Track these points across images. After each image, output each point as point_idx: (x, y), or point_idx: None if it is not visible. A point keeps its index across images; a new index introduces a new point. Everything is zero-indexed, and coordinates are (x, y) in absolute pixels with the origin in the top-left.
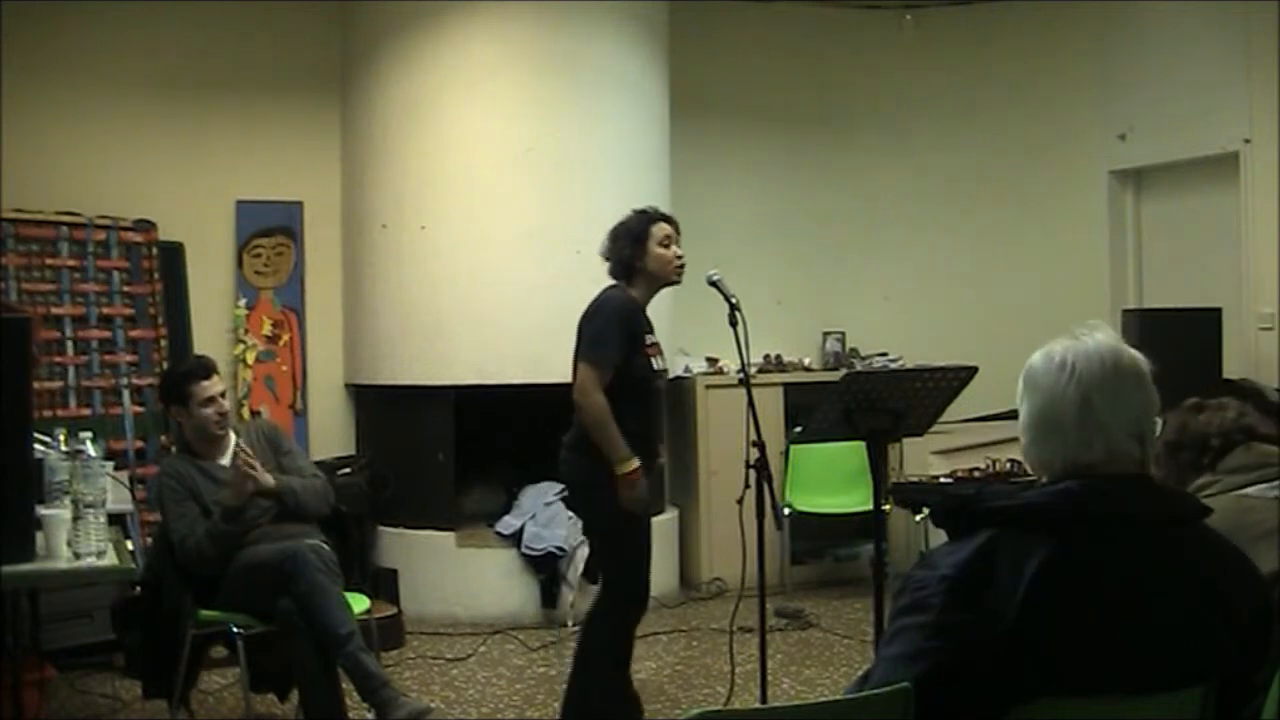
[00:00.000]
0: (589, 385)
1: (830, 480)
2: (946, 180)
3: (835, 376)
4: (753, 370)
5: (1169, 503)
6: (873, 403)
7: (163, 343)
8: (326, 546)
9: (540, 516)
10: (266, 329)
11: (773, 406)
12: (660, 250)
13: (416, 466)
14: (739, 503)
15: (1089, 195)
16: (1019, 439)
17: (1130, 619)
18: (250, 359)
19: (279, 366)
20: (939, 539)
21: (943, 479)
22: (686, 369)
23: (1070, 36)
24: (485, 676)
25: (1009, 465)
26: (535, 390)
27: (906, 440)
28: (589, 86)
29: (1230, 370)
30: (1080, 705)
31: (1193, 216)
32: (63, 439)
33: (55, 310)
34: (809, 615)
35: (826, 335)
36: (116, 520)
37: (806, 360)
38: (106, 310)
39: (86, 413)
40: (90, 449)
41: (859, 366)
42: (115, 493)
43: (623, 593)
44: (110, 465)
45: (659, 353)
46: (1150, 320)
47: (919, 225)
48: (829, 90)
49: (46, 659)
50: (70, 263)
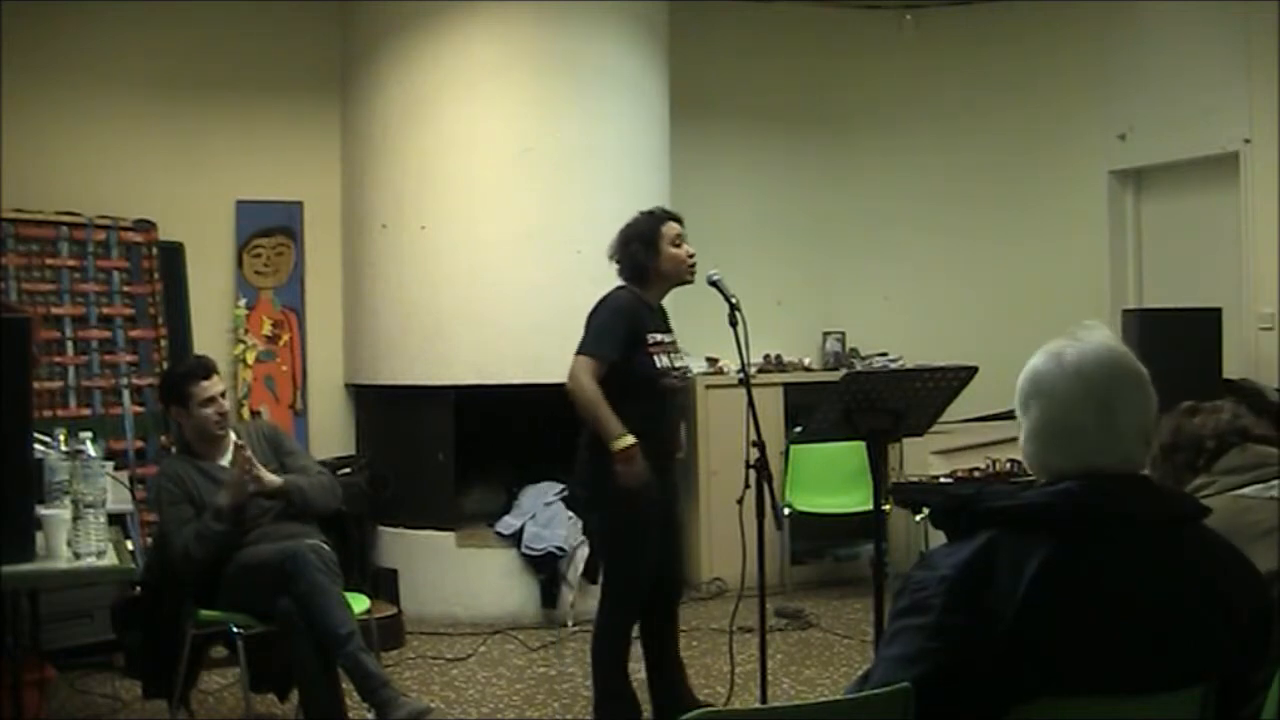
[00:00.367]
0: (580, 373)
1: (830, 480)
2: (946, 180)
3: (835, 376)
4: (753, 370)
5: (1168, 503)
6: (873, 403)
7: (163, 343)
8: (326, 546)
9: (540, 516)
10: (266, 329)
11: (773, 406)
12: (673, 250)
13: (416, 466)
14: (739, 503)
15: (1089, 195)
16: (1022, 444)
17: (1130, 619)
18: (250, 359)
19: (279, 366)
20: (939, 539)
21: (943, 479)
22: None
23: (1070, 36)
24: (485, 676)
25: (1009, 465)
26: (535, 390)
27: (906, 440)
28: (589, 86)
29: (1230, 370)
30: (1080, 705)
31: (1193, 216)
32: (63, 439)
33: (55, 310)
34: (809, 615)
35: (826, 335)
36: (116, 520)
37: (806, 360)
38: (106, 310)
39: (86, 413)
40: (90, 449)
41: (859, 366)
42: (115, 493)
43: (617, 594)
44: (110, 465)
45: (670, 351)
46: (1150, 320)
47: (919, 225)
48: (829, 90)
49: (46, 659)
50: (70, 263)
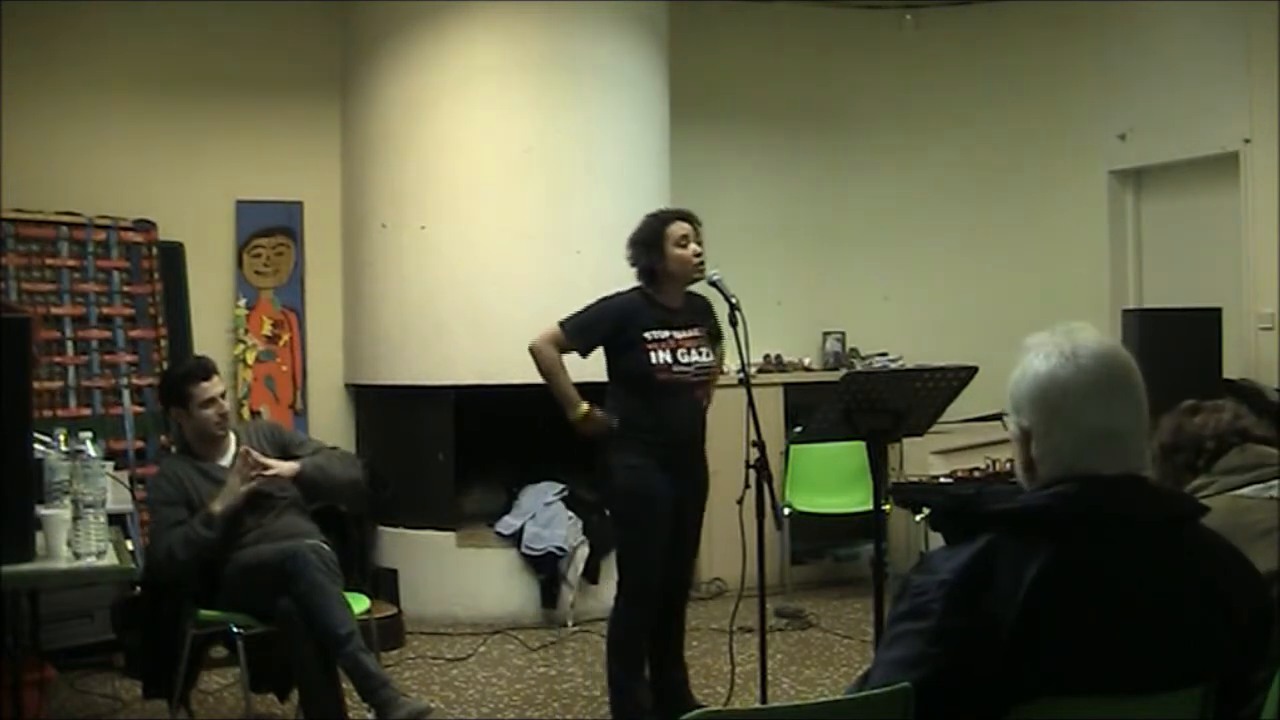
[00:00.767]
0: (544, 339)
1: (830, 480)
2: (946, 180)
3: (835, 376)
4: (753, 370)
5: (1167, 502)
6: (873, 403)
7: (163, 343)
8: (326, 546)
9: (540, 516)
10: (266, 329)
11: (773, 406)
12: (678, 251)
13: (416, 466)
14: (739, 503)
15: (1089, 195)
16: (1018, 446)
17: (1130, 619)
18: (250, 359)
19: (279, 366)
20: (939, 539)
21: (943, 479)
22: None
23: (1070, 36)
24: (485, 676)
25: (1009, 465)
26: (535, 390)
27: (906, 440)
28: (589, 86)
29: (1230, 370)
30: (1080, 705)
31: (1193, 216)
32: (63, 439)
33: (55, 310)
34: (809, 615)
35: (826, 335)
36: (116, 520)
37: (806, 360)
38: (106, 310)
39: (86, 413)
40: (90, 449)
41: (859, 366)
42: (115, 493)
43: (625, 590)
44: (110, 465)
45: (681, 347)
46: (1150, 320)
47: (919, 225)
48: (829, 90)
49: (46, 659)
50: (70, 263)
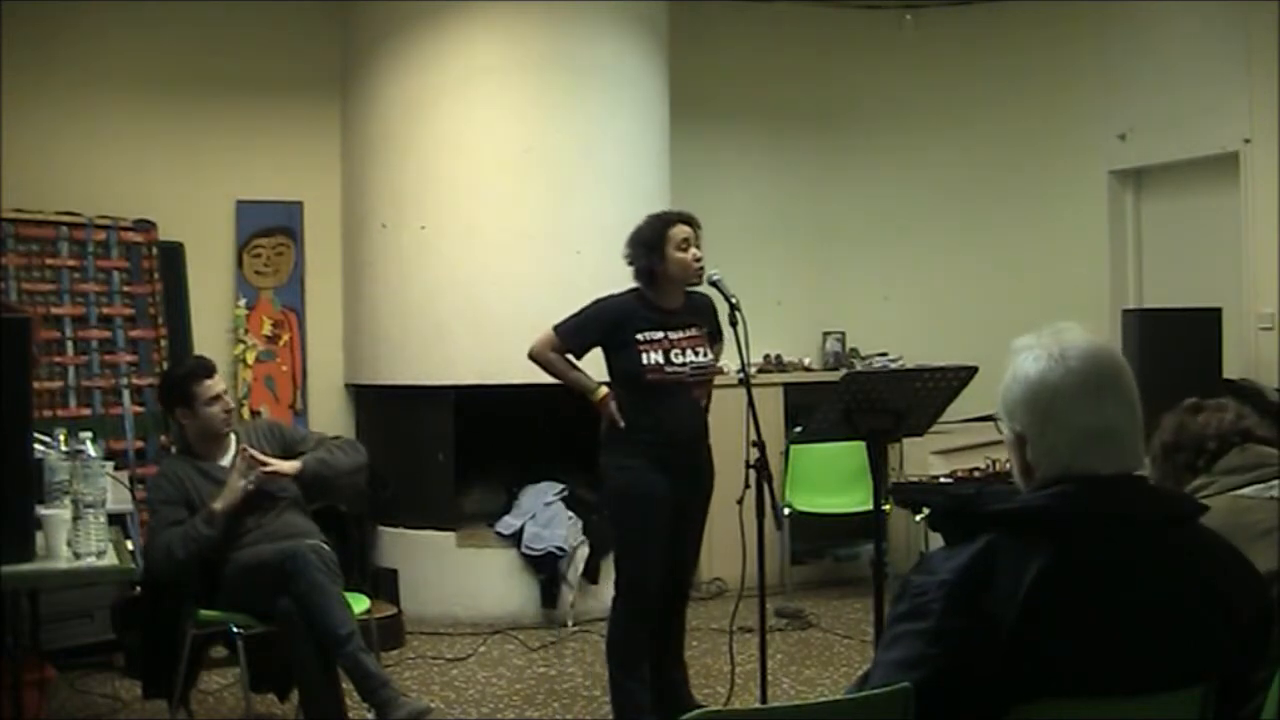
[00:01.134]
0: (541, 345)
1: (830, 480)
2: (946, 180)
3: (835, 376)
4: (753, 370)
5: (1167, 502)
6: (873, 403)
7: (163, 343)
8: (326, 546)
9: (540, 516)
10: (266, 329)
11: (773, 406)
12: (679, 255)
13: (416, 466)
14: (739, 503)
15: (1089, 195)
16: (1013, 449)
17: (1130, 619)
18: (250, 359)
19: (279, 366)
20: (939, 539)
21: (943, 479)
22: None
23: (1070, 36)
24: (485, 676)
25: (1009, 465)
26: (535, 390)
27: (906, 440)
28: (589, 86)
29: (1230, 370)
30: (1080, 706)
31: (1193, 216)
32: (63, 439)
33: (55, 310)
34: (809, 615)
35: (826, 335)
36: (116, 520)
37: (806, 360)
38: (106, 310)
39: (86, 413)
40: (90, 449)
41: (859, 366)
42: (115, 493)
43: (621, 590)
44: (110, 465)
45: (675, 347)
46: (1150, 320)
47: (919, 225)
48: (829, 90)
49: (46, 659)
50: (70, 263)
